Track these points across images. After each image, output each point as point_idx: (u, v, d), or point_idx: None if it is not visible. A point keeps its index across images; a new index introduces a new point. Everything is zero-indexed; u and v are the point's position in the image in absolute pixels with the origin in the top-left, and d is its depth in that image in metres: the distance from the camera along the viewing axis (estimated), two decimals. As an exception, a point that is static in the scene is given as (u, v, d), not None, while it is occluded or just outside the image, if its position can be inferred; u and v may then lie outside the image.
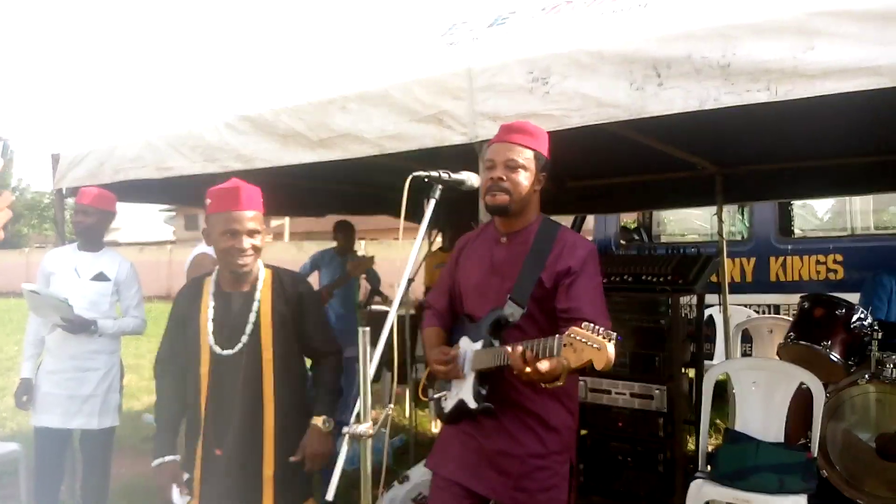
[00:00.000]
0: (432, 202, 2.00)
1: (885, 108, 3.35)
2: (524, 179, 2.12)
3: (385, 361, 1.86)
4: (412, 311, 5.32)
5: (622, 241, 7.65)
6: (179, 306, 2.52)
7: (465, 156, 2.61)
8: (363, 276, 5.76)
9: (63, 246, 3.84)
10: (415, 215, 1.98)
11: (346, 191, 6.11)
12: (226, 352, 2.36)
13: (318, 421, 2.35)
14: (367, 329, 1.75)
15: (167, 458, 2.41)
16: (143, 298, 3.76)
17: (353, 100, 3.01)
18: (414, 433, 5.08)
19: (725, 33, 2.14)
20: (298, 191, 5.56)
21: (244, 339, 2.35)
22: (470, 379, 2.12)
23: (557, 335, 1.77)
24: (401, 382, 5.61)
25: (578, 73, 2.42)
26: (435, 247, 6.09)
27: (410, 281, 4.97)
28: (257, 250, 2.37)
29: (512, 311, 2.07)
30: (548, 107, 2.47)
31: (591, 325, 1.69)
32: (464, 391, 2.13)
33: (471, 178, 2.11)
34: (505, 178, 2.10)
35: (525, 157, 2.13)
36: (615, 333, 1.66)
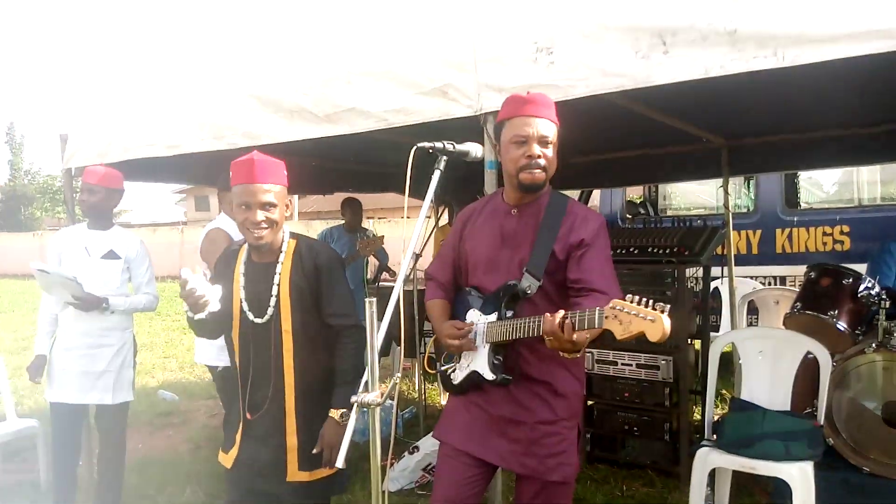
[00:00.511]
0: (437, 173, 2.00)
1: (892, 76, 3.34)
2: (553, 155, 2.13)
3: (394, 336, 1.88)
4: (420, 287, 5.38)
5: (628, 216, 7.63)
6: (218, 267, 2.59)
7: (470, 131, 2.61)
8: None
9: (73, 225, 3.87)
10: (419, 191, 1.99)
11: (354, 169, 6.12)
12: (257, 320, 2.42)
13: (335, 414, 2.38)
14: (374, 299, 1.77)
15: None
16: (156, 278, 3.78)
17: (357, 74, 3.02)
18: (423, 405, 5.15)
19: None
20: (306, 169, 5.57)
21: (270, 310, 2.41)
22: (484, 351, 2.14)
23: (598, 307, 1.78)
24: (410, 356, 5.67)
25: (583, 43, 2.42)
26: (442, 222, 6.13)
27: (417, 256, 5.01)
28: (272, 223, 2.37)
29: (529, 284, 2.08)
30: (553, 77, 2.47)
31: (636, 297, 1.70)
32: (477, 363, 2.16)
33: (475, 150, 2.11)
34: (542, 155, 2.10)
35: (553, 131, 2.13)
36: (667, 305, 1.68)
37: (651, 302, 1.69)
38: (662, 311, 1.65)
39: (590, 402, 4.29)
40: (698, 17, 2.18)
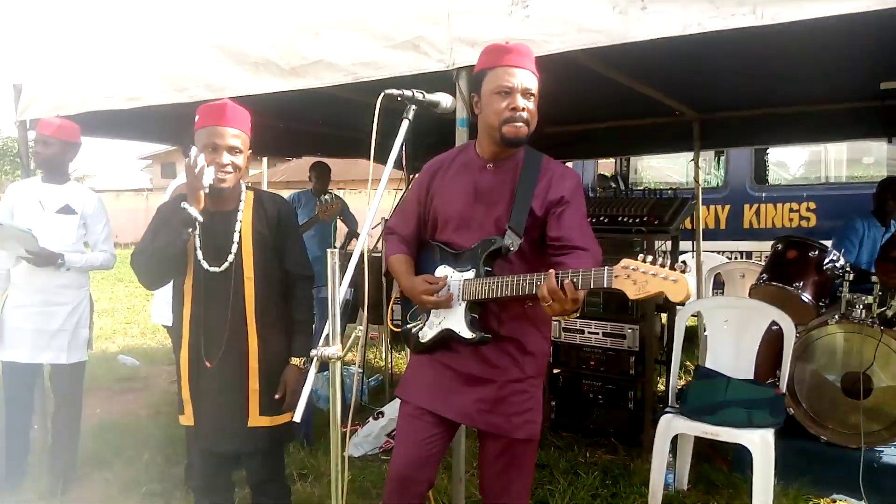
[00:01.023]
0: (405, 123, 1.93)
1: (860, 52, 3.34)
2: (535, 109, 2.07)
3: (360, 303, 1.82)
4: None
5: (599, 189, 7.64)
6: (163, 213, 2.48)
7: (442, 88, 2.53)
8: (340, 218, 5.71)
9: (26, 179, 3.72)
10: (387, 158, 1.91)
11: (322, 133, 6.00)
12: (213, 269, 2.39)
13: (297, 362, 2.43)
14: (336, 249, 1.71)
15: None
16: (120, 245, 3.66)
17: (327, 26, 2.91)
18: (390, 374, 5.12)
19: (711, -46, 2.08)
20: (274, 131, 5.45)
21: (230, 258, 2.38)
22: (460, 309, 2.09)
23: (606, 267, 1.75)
24: (376, 323, 5.61)
25: (560, -3, 2.35)
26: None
27: (385, 221, 4.91)
28: (237, 168, 2.37)
29: (511, 241, 2.03)
30: (528, 31, 2.40)
31: (647, 255, 1.69)
32: (451, 321, 2.10)
33: (446, 100, 2.04)
34: (525, 108, 2.03)
35: (535, 84, 2.06)
36: (685, 264, 1.66)
37: (666, 261, 1.67)
38: (684, 272, 1.64)
39: (556, 371, 4.29)
40: (678, -28, 2.12)
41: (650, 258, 1.69)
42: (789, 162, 8.04)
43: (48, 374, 3.62)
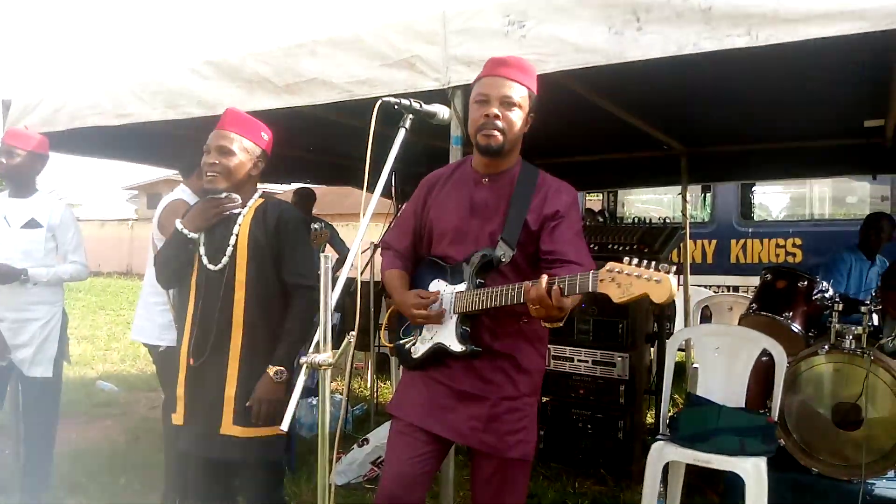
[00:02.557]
0: (401, 132, 1.92)
1: (844, 89, 3.41)
2: (518, 119, 2.03)
3: (347, 329, 1.77)
4: (378, 279, 5.27)
5: (587, 223, 7.68)
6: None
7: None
8: (329, 244, 5.70)
9: None
10: (375, 180, 1.89)
11: (313, 159, 5.98)
12: (211, 266, 2.41)
13: (270, 370, 2.34)
14: (330, 255, 1.67)
15: None
16: (103, 273, 3.59)
17: (323, 44, 2.92)
18: (375, 403, 5.03)
19: (707, -24, 2.11)
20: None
21: (224, 259, 2.39)
22: (451, 322, 2.05)
23: (592, 271, 1.70)
24: (362, 349, 5.54)
25: (556, 17, 2.37)
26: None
27: (376, 247, 4.87)
28: (226, 170, 2.38)
29: (504, 252, 2.00)
30: (524, 51, 2.41)
31: (633, 259, 1.64)
32: (443, 335, 2.06)
33: (442, 112, 2.04)
34: (501, 115, 2.00)
35: (520, 94, 2.03)
36: (673, 266, 1.61)
37: (650, 263, 1.62)
38: (668, 272, 1.58)
39: (545, 399, 4.24)
40: (674, -7, 2.15)
41: (635, 260, 1.64)
42: (775, 198, 8.15)
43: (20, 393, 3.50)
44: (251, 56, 3.11)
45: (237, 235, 2.40)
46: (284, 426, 1.64)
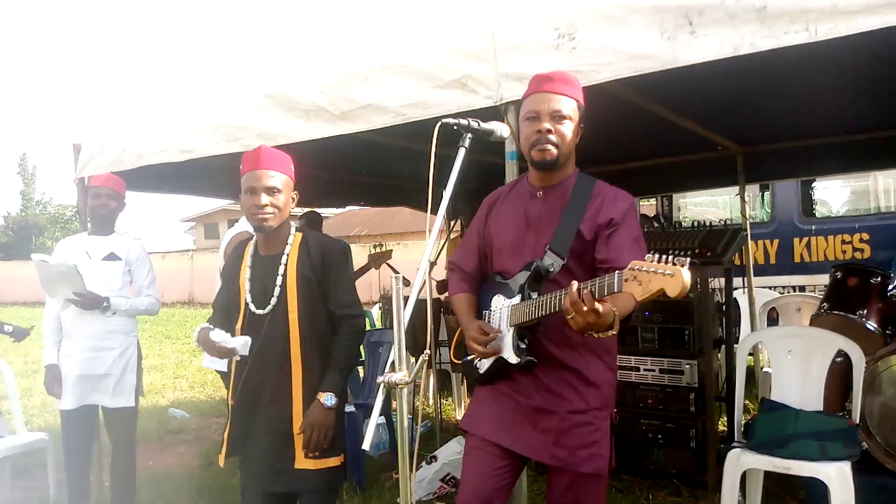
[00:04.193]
0: (462, 151, 1.94)
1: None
2: (569, 131, 2.06)
3: (409, 347, 1.78)
4: (435, 295, 5.31)
5: (645, 229, 7.58)
6: (227, 265, 2.64)
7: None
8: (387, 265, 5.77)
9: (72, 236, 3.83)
10: (433, 201, 1.90)
11: (366, 182, 6.08)
12: (259, 311, 2.42)
13: (321, 397, 2.38)
14: (401, 274, 1.70)
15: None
16: (166, 304, 3.74)
17: (375, 70, 2.98)
18: (439, 420, 5.05)
19: (759, -25, 2.08)
20: (319, 182, 5.53)
21: (273, 300, 2.41)
22: (508, 336, 2.06)
23: (617, 271, 1.68)
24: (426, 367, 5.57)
25: (607, 26, 2.37)
26: (454, 234, 6.07)
27: (432, 264, 4.94)
28: (278, 209, 2.41)
29: (552, 262, 2.00)
30: (575, 62, 2.42)
31: (655, 254, 1.59)
32: (504, 348, 2.08)
33: (500, 129, 2.05)
34: (553, 130, 2.03)
35: (570, 107, 2.06)
36: (687, 259, 1.55)
37: (669, 257, 1.56)
38: (682, 265, 1.53)
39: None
40: (726, -5, 2.13)
41: (657, 256, 1.59)
42: (837, 193, 7.89)
43: (103, 423, 3.64)
44: (306, 86, 3.19)
45: (284, 276, 2.42)
46: (366, 445, 1.66)
